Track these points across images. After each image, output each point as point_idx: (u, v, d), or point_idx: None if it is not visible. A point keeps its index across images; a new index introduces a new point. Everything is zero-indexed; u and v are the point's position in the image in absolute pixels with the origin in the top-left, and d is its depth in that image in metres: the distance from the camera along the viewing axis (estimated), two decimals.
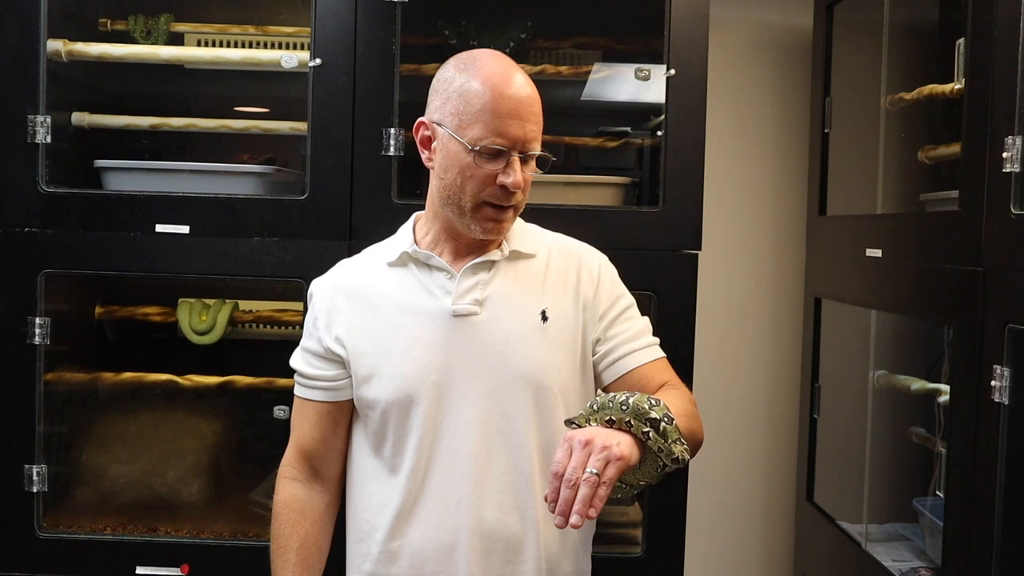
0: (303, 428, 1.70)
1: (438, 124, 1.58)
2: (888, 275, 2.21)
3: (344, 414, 1.69)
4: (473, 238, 1.62)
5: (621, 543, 2.23)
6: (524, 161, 1.56)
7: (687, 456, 1.44)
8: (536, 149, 1.57)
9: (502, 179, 1.54)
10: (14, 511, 2.12)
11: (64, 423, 2.28)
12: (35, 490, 2.12)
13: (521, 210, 1.63)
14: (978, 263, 1.79)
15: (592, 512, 1.32)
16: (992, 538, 1.74)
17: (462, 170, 1.55)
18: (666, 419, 1.42)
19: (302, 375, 1.69)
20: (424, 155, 1.63)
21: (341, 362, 1.65)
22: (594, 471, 1.33)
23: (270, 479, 2.37)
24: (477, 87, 1.54)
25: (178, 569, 2.13)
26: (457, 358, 1.59)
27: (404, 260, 1.65)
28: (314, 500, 1.71)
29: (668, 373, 1.69)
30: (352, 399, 1.67)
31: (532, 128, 1.55)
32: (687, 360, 2.07)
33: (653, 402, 1.43)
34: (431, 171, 1.62)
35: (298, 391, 1.70)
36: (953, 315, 1.90)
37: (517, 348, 1.60)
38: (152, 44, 2.34)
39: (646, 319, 1.73)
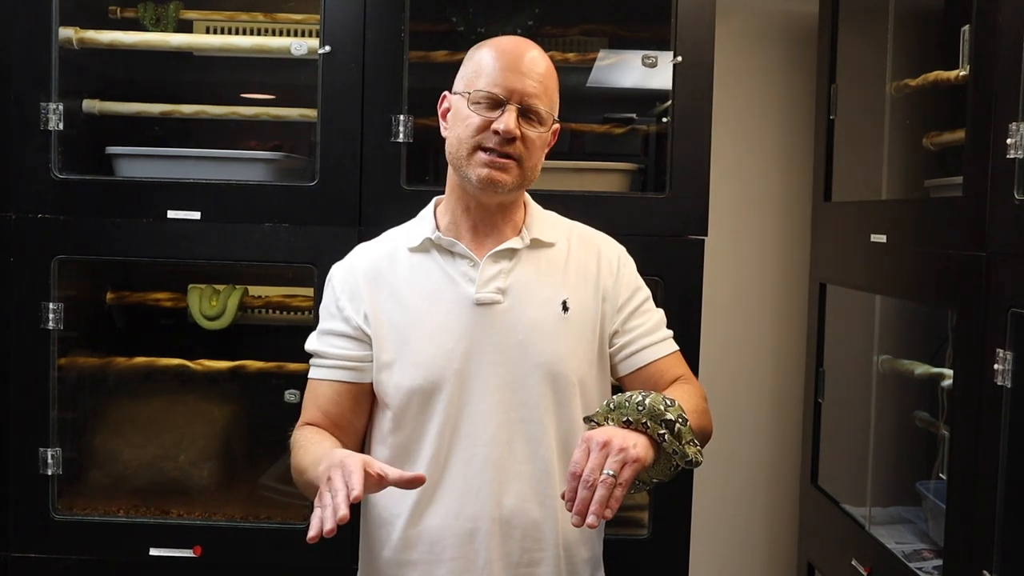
0: (315, 407, 1.65)
1: (453, 92, 1.64)
2: (892, 260, 2.22)
3: (365, 397, 1.66)
4: (486, 211, 1.63)
5: (628, 525, 2.25)
6: (526, 118, 1.58)
7: (700, 458, 1.47)
8: (537, 106, 1.58)
9: (495, 125, 1.56)
10: (30, 493, 2.15)
11: (78, 407, 2.30)
12: (50, 473, 2.15)
13: (530, 175, 1.62)
14: (981, 248, 1.80)
15: (608, 513, 1.36)
16: (994, 521, 1.75)
17: (462, 119, 1.59)
18: (680, 420, 1.45)
19: (322, 355, 1.66)
20: (442, 126, 1.66)
21: (367, 342, 1.63)
22: (611, 473, 1.37)
23: (280, 463, 2.41)
24: (485, 51, 1.61)
25: (191, 551, 2.15)
26: (479, 346, 1.60)
27: (426, 246, 1.66)
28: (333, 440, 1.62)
29: (682, 367, 1.72)
30: (370, 383, 1.65)
31: (532, 84, 1.58)
32: (693, 345, 2.09)
33: (668, 403, 1.46)
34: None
35: (315, 373, 1.67)
36: (956, 300, 1.91)
37: (538, 338, 1.61)
38: (161, 32, 2.36)
39: (661, 311, 1.75)
